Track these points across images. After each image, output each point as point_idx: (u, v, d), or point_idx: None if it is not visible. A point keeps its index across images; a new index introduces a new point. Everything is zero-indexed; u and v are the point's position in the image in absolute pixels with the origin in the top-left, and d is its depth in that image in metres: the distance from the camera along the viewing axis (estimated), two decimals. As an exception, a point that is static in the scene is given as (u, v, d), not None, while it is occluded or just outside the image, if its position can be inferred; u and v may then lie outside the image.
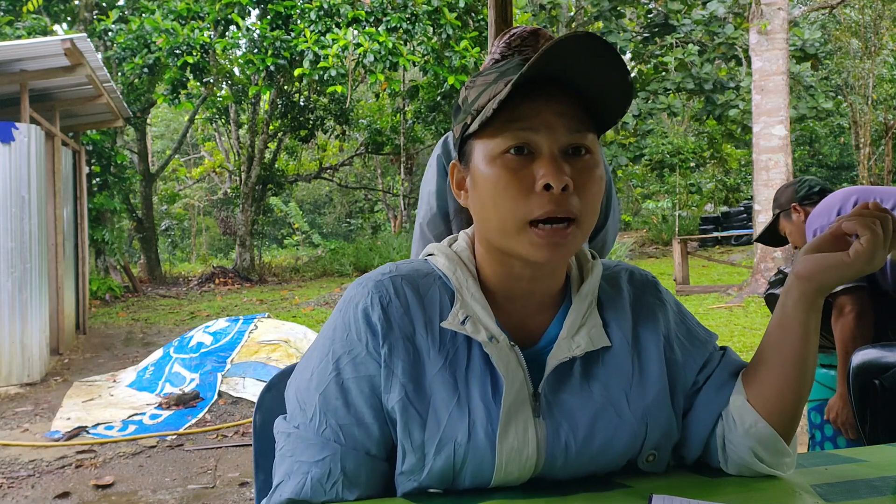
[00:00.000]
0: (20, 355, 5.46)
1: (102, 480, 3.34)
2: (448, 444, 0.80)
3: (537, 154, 0.79)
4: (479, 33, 11.33)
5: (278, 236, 22.54)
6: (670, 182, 19.04)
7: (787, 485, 0.85)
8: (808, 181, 2.36)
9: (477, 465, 0.80)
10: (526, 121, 0.79)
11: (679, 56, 13.99)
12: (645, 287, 0.94)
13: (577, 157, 0.80)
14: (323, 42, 10.05)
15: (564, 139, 0.79)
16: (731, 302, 8.16)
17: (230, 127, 16.40)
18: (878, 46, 17.51)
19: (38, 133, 5.82)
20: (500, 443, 0.80)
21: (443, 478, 0.81)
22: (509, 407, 0.81)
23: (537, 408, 0.82)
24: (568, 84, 0.79)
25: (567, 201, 0.77)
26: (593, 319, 0.87)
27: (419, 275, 0.88)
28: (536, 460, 0.82)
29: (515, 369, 0.82)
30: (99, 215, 10.68)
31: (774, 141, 8.34)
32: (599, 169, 0.81)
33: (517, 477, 0.82)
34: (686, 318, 0.95)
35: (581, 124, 0.80)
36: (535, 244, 0.78)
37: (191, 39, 10.26)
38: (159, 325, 8.55)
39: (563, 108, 0.79)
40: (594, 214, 0.81)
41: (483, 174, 0.81)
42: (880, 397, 1.71)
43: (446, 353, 0.83)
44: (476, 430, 0.80)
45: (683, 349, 0.91)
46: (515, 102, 0.79)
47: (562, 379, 0.84)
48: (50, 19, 11.59)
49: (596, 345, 0.85)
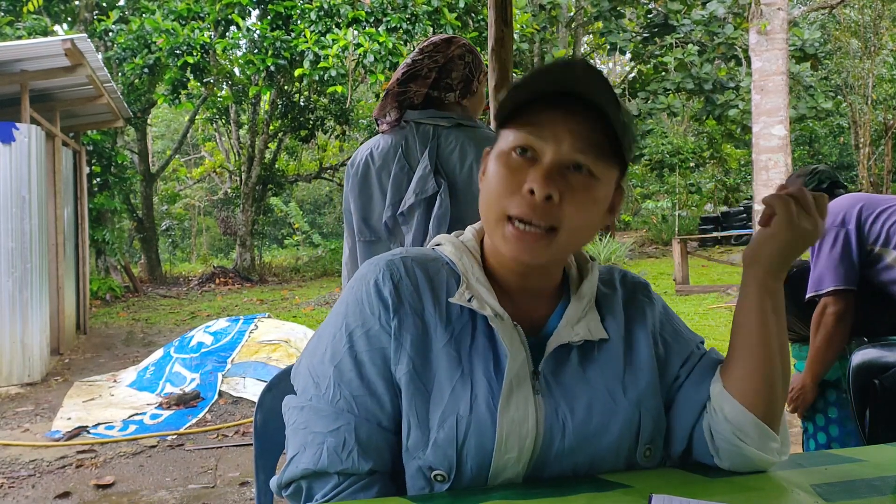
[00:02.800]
0: (21, 355, 5.47)
1: (103, 480, 3.34)
2: (451, 417, 0.82)
3: (539, 160, 0.83)
4: (479, 33, 11.32)
5: (278, 236, 22.53)
6: (670, 182, 19.04)
7: (786, 485, 0.86)
8: (819, 174, 2.34)
9: (479, 438, 0.82)
10: (538, 127, 0.83)
11: (679, 56, 14.00)
12: (636, 288, 0.99)
13: (577, 173, 0.83)
14: (323, 42, 10.04)
15: (567, 154, 0.82)
16: (730, 302, 8.16)
17: (230, 127, 16.40)
18: (877, 46, 17.50)
19: (39, 133, 5.82)
20: (501, 414, 0.83)
21: (446, 455, 0.82)
22: (511, 380, 0.84)
23: (537, 385, 0.86)
24: (592, 106, 0.82)
25: (547, 211, 0.81)
26: (592, 315, 0.92)
27: (427, 258, 0.93)
28: (535, 437, 0.84)
29: (518, 346, 0.86)
30: (99, 215, 10.68)
31: (774, 141, 8.34)
32: (596, 190, 0.84)
33: (517, 456, 0.83)
34: (672, 318, 1.00)
35: (590, 146, 0.83)
36: (506, 238, 0.84)
37: (191, 40, 10.25)
38: (160, 324, 8.55)
39: (579, 126, 0.83)
40: (580, 229, 0.84)
41: (492, 165, 0.88)
42: (880, 397, 1.71)
43: (452, 329, 0.87)
44: (478, 402, 0.83)
45: (667, 346, 0.96)
46: (538, 109, 0.84)
47: (561, 362, 0.89)
48: (50, 20, 11.59)
49: (594, 336, 0.90)
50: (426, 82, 1.79)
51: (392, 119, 1.83)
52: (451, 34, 1.93)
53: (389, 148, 1.80)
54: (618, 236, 18.72)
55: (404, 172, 1.77)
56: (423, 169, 1.74)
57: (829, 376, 2.20)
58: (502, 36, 2.48)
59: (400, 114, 1.82)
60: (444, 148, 1.77)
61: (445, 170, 1.76)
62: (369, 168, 1.81)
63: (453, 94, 1.82)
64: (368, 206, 1.82)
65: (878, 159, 19.00)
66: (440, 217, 1.73)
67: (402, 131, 1.81)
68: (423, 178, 1.74)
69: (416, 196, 1.73)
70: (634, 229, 20.74)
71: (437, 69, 1.80)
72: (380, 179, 1.80)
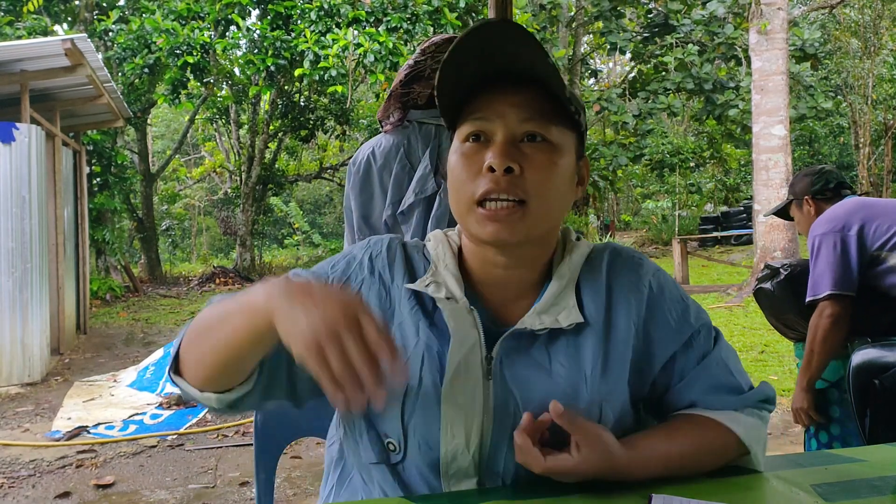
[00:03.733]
0: (21, 355, 5.46)
1: (103, 480, 3.34)
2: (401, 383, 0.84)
3: (491, 142, 0.85)
4: (479, 33, 11.32)
5: (279, 236, 22.52)
6: (670, 182, 19.04)
7: (786, 485, 0.86)
8: (826, 174, 2.34)
9: (424, 415, 0.84)
10: (481, 111, 0.85)
11: (679, 56, 14.00)
12: (624, 269, 0.92)
13: (532, 143, 0.84)
14: (323, 42, 10.04)
15: (517, 127, 0.84)
16: (730, 302, 8.16)
17: (230, 127, 16.40)
18: (877, 46, 17.50)
19: (39, 133, 5.82)
20: (444, 396, 0.83)
21: (394, 423, 0.85)
22: (458, 364, 0.84)
23: (488, 371, 0.85)
24: (521, 76, 0.84)
25: (512, 183, 0.82)
26: (567, 299, 0.88)
27: (412, 245, 0.97)
28: (482, 423, 0.83)
29: (469, 329, 0.86)
30: (99, 215, 10.68)
31: (774, 141, 8.34)
32: (556, 156, 0.85)
33: (464, 443, 0.83)
34: (664, 303, 0.92)
35: (537, 114, 0.84)
36: (479, 222, 0.84)
37: (191, 39, 10.24)
38: (160, 324, 8.55)
39: (518, 99, 0.84)
40: (548, 198, 0.84)
41: (451, 161, 0.90)
42: (880, 397, 1.71)
43: (414, 305, 0.89)
44: (426, 377, 0.84)
45: (650, 340, 0.90)
46: (476, 96, 0.86)
47: (521, 351, 0.87)
48: (50, 19, 11.59)
49: (563, 323, 0.86)
50: (429, 83, 1.79)
51: (395, 120, 1.83)
52: (452, 33, 1.92)
53: (391, 147, 1.80)
54: (618, 236, 18.74)
55: (405, 172, 1.77)
56: (423, 168, 1.75)
57: (831, 376, 2.21)
58: (502, 36, 2.48)
59: (403, 114, 1.82)
60: (445, 148, 1.77)
61: (446, 170, 1.76)
62: (371, 166, 1.82)
63: None
64: (369, 204, 1.82)
65: (878, 159, 19.00)
66: (439, 217, 1.73)
67: (405, 131, 1.81)
68: (423, 177, 1.74)
69: (415, 195, 1.74)
70: (635, 229, 20.75)
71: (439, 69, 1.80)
72: (381, 178, 1.80)
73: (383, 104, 1.84)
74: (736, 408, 0.90)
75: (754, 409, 0.92)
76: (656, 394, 0.93)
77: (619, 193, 22.77)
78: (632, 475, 0.83)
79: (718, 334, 0.95)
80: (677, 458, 0.86)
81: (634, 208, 23.19)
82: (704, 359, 0.91)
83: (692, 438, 0.87)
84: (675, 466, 0.86)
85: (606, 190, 17.09)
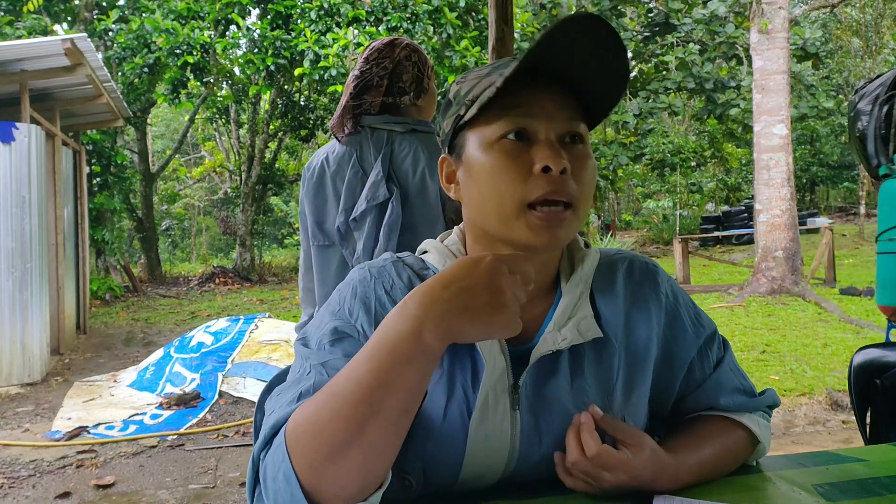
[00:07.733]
0: (21, 355, 5.46)
1: (103, 480, 3.33)
2: (425, 419, 0.80)
3: (534, 140, 0.80)
4: (479, 33, 11.32)
5: (278, 236, 22.52)
6: (671, 181, 19.03)
7: (787, 484, 0.85)
8: None
9: (448, 448, 0.80)
10: (526, 107, 0.80)
11: (680, 55, 13.99)
12: (643, 279, 0.91)
13: (573, 144, 0.82)
14: (323, 42, 10.04)
15: (562, 126, 0.81)
16: (731, 301, 8.15)
17: (230, 127, 16.40)
18: (878, 45, 17.49)
19: (39, 133, 5.82)
20: (473, 428, 0.79)
21: (413, 460, 0.79)
22: (487, 394, 0.80)
23: (516, 400, 0.81)
24: (563, 75, 0.80)
25: (565, 185, 0.78)
26: (584, 310, 0.85)
27: (417, 263, 0.89)
28: (510, 453, 0.81)
29: (498, 356, 0.81)
30: (99, 215, 10.68)
31: (775, 140, 8.33)
32: (592, 159, 0.83)
33: (486, 469, 0.81)
34: (679, 314, 0.92)
35: (578, 115, 0.82)
36: (533, 227, 0.78)
37: (191, 39, 10.25)
38: (160, 324, 8.55)
39: (560, 97, 0.81)
40: (588, 202, 0.82)
41: (479, 161, 0.82)
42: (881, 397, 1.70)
43: None
44: (452, 409, 0.80)
45: (670, 353, 0.90)
46: (513, 90, 0.80)
47: (547, 373, 0.83)
48: (50, 19, 11.60)
49: (585, 337, 0.83)
50: (380, 91, 1.77)
51: (349, 131, 1.82)
52: (391, 37, 1.90)
53: (345, 153, 1.78)
54: (619, 236, 18.73)
55: (358, 178, 1.75)
56: (375, 175, 1.72)
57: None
58: (503, 35, 2.47)
59: (356, 125, 1.81)
60: (397, 154, 1.75)
61: (398, 176, 1.74)
62: (324, 172, 1.80)
63: (408, 97, 1.80)
64: (323, 210, 1.81)
65: (878, 158, 18.96)
66: (391, 224, 1.70)
67: (358, 136, 1.79)
68: (375, 184, 1.72)
69: (367, 202, 1.71)
70: (636, 229, 20.74)
71: (387, 76, 1.78)
72: (334, 184, 1.78)
73: (336, 118, 1.81)
74: (751, 410, 0.92)
75: (765, 412, 0.95)
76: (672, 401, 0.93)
77: (620, 193, 22.76)
78: (678, 480, 0.82)
79: (723, 337, 0.97)
80: (710, 461, 0.86)
81: (635, 208, 23.20)
82: (720, 364, 0.93)
83: (720, 441, 0.88)
84: (706, 471, 0.85)
85: (607, 189, 17.09)
